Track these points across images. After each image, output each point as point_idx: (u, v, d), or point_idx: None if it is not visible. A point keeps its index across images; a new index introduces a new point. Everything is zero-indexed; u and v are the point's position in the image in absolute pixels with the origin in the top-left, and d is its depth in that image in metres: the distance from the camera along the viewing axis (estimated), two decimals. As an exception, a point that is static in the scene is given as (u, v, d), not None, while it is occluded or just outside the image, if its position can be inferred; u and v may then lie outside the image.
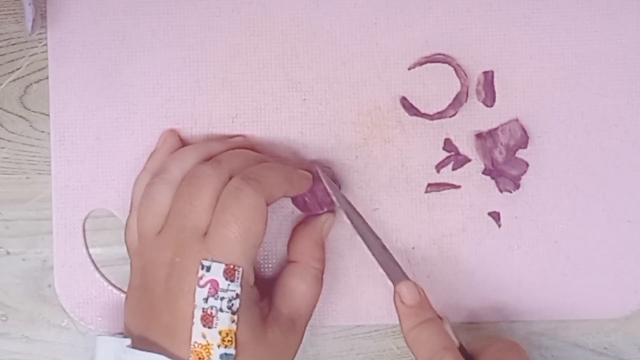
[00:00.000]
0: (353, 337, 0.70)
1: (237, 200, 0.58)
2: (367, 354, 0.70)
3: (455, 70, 0.68)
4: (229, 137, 0.68)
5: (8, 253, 0.70)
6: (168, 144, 0.67)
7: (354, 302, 0.69)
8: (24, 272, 0.70)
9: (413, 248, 0.68)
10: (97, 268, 0.69)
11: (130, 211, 0.65)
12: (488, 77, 0.68)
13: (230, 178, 0.60)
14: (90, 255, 0.69)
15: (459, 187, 0.68)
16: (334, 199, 0.65)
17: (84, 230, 0.69)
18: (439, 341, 0.60)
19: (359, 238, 0.66)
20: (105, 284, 0.69)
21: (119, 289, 0.68)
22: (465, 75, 0.68)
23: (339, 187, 0.67)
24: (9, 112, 0.70)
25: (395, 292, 0.63)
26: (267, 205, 0.59)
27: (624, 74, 0.69)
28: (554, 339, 0.70)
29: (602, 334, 0.70)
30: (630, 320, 0.70)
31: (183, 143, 0.68)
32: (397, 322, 0.67)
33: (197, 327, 0.57)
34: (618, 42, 0.69)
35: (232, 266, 0.57)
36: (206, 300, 0.57)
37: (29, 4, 0.65)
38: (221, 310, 0.57)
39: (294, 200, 0.67)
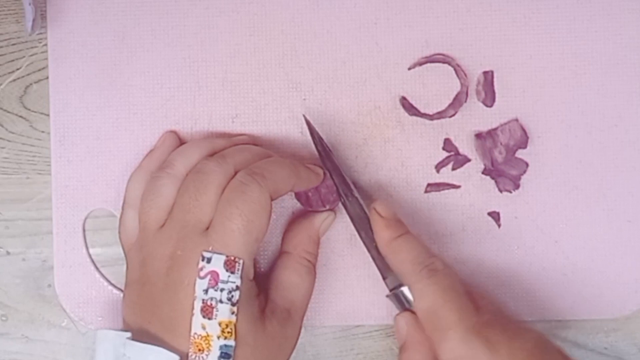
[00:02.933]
0: (353, 337, 0.70)
1: (243, 194, 0.58)
2: (367, 354, 0.70)
3: (455, 70, 0.68)
4: (231, 135, 0.68)
5: (8, 253, 0.70)
6: (167, 144, 0.67)
7: (354, 302, 0.69)
8: (24, 272, 0.70)
9: (413, 248, 0.68)
10: (97, 268, 0.69)
11: (123, 208, 0.65)
12: (488, 77, 0.68)
13: (236, 173, 0.60)
14: (90, 255, 0.69)
15: (458, 187, 0.68)
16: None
17: (84, 230, 0.69)
18: (426, 249, 0.63)
19: (358, 238, 0.66)
20: (105, 284, 0.69)
21: (119, 289, 0.68)
22: (465, 75, 0.68)
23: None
24: (9, 112, 0.70)
25: (371, 208, 0.64)
26: (273, 199, 0.60)
27: (624, 74, 0.69)
28: (554, 338, 0.70)
29: (602, 334, 0.70)
30: (630, 320, 0.70)
31: (182, 144, 0.68)
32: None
33: (197, 318, 0.57)
34: (618, 42, 0.69)
35: (232, 258, 0.58)
36: (206, 291, 0.57)
37: (29, 4, 0.65)
38: (221, 301, 0.57)
39: (297, 194, 0.67)
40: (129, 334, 0.59)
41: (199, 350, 0.57)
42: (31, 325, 0.70)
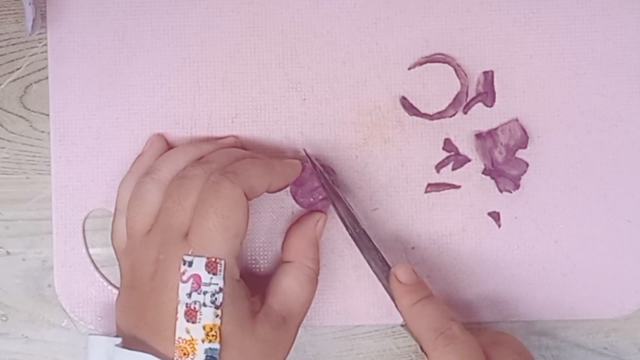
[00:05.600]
0: (353, 337, 0.70)
1: (215, 193, 0.58)
2: (367, 354, 0.70)
3: (455, 70, 0.68)
4: (220, 138, 0.68)
5: (8, 253, 0.70)
6: (154, 147, 0.67)
7: (354, 302, 0.69)
8: (24, 272, 0.70)
9: (413, 248, 0.68)
10: (96, 268, 0.69)
11: (115, 214, 0.65)
12: (488, 77, 0.68)
13: None
14: (90, 255, 0.69)
15: (458, 187, 0.69)
16: (329, 193, 0.66)
17: (83, 230, 0.69)
18: (444, 313, 0.61)
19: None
20: (105, 283, 0.69)
21: (119, 289, 0.68)
22: (465, 75, 0.68)
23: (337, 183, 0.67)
24: (9, 112, 0.70)
25: (391, 273, 0.63)
26: (250, 198, 0.59)
27: (624, 74, 0.69)
28: (554, 339, 0.70)
29: (602, 334, 0.70)
30: (630, 320, 0.70)
31: (170, 147, 0.68)
32: (397, 322, 0.67)
33: (181, 323, 0.57)
34: (618, 42, 0.69)
35: (213, 259, 0.57)
36: (189, 295, 0.57)
37: (29, 4, 0.65)
38: (204, 305, 0.57)
39: (299, 202, 0.67)
40: (119, 341, 0.59)
41: (184, 354, 0.56)
42: (31, 325, 0.70)
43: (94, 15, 0.69)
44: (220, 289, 0.57)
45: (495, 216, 0.68)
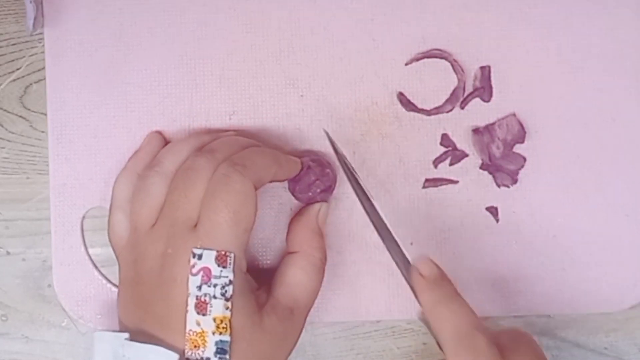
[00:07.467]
0: (353, 337, 0.70)
1: (226, 186, 0.58)
2: (367, 354, 0.70)
3: (452, 65, 0.68)
4: (221, 131, 0.68)
5: (8, 253, 0.70)
6: (151, 145, 0.67)
7: (353, 299, 0.68)
8: (24, 272, 0.70)
9: (411, 243, 0.68)
10: (95, 266, 0.69)
11: (111, 210, 0.65)
12: (485, 72, 0.68)
13: None
14: (88, 254, 0.69)
15: (456, 182, 0.68)
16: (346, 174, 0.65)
17: (82, 229, 0.69)
18: (469, 319, 0.58)
19: (358, 234, 0.66)
20: (104, 282, 0.69)
21: (118, 286, 0.68)
22: (462, 70, 0.68)
23: (335, 181, 0.67)
24: (9, 112, 0.70)
25: (412, 268, 0.61)
26: (257, 189, 0.59)
27: (622, 68, 0.69)
28: (554, 339, 0.70)
29: (602, 334, 0.70)
30: (630, 320, 0.70)
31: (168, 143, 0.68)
32: (397, 321, 0.67)
33: (192, 315, 0.57)
34: (615, 37, 0.69)
35: (223, 252, 0.57)
36: (199, 288, 0.57)
37: (30, 2, 0.65)
38: (214, 297, 0.57)
39: (298, 198, 0.67)
40: (126, 335, 0.59)
41: (195, 346, 0.57)
42: (31, 325, 0.70)
43: (91, 14, 0.69)
44: (230, 282, 0.57)
45: (493, 211, 0.68)
